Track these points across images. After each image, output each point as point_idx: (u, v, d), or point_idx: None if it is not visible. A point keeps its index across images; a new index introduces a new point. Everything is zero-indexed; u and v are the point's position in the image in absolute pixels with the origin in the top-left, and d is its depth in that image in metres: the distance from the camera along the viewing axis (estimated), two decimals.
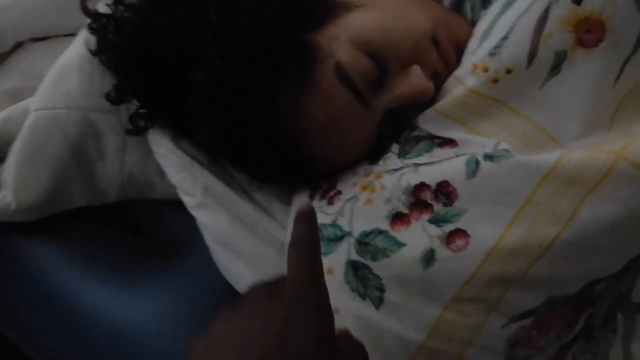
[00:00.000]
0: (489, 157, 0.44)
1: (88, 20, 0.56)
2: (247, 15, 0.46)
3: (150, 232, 0.68)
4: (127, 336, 0.61)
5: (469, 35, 0.50)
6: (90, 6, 0.57)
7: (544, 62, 0.44)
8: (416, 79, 0.49)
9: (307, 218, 0.34)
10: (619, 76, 0.43)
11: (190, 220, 0.59)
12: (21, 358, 0.65)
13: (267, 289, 0.34)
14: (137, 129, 0.57)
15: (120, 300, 0.63)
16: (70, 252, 0.66)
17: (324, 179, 0.53)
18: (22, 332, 0.66)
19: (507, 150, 0.43)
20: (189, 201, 0.58)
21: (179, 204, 0.60)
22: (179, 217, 0.63)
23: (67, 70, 0.59)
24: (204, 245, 0.59)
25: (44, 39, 0.67)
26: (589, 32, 0.43)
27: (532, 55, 0.44)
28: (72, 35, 0.63)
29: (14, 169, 0.61)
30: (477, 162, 0.44)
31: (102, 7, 0.56)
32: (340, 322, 0.47)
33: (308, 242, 0.33)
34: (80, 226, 0.67)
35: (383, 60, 0.48)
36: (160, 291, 0.63)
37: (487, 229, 0.43)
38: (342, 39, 0.48)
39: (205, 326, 0.35)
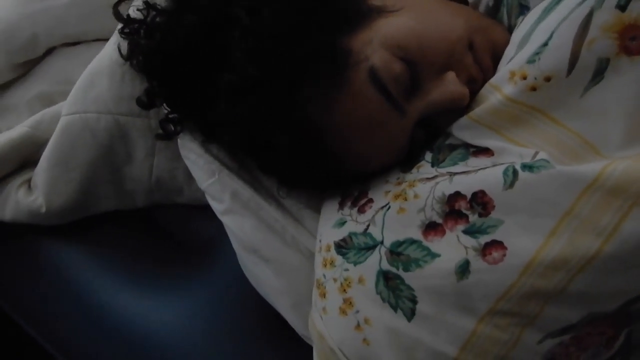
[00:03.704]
0: (527, 167, 0.42)
1: (119, 25, 0.57)
2: (277, 17, 0.46)
3: (179, 237, 0.69)
4: (152, 338, 0.61)
5: (506, 42, 0.48)
6: (122, 11, 0.57)
7: (585, 69, 0.42)
8: (451, 85, 0.47)
9: None
10: None
11: (218, 225, 0.59)
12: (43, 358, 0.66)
13: None
14: (166, 134, 0.57)
15: (147, 304, 0.64)
16: (99, 256, 0.67)
17: (354, 185, 0.52)
18: (49, 333, 0.66)
19: (546, 160, 0.42)
20: (217, 207, 0.58)
21: (207, 209, 0.60)
22: (207, 223, 0.63)
23: (98, 75, 0.60)
24: (231, 250, 0.59)
25: (75, 43, 0.67)
26: (634, 39, 0.41)
27: (573, 63, 0.42)
28: (103, 40, 0.63)
29: (45, 172, 0.62)
30: (515, 172, 0.42)
31: (134, 12, 0.57)
32: (371, 332, 0.46)
33: None
34: (109, 230, 0.68)
35: (416, 65, 0.47)
36: (186, 295, 0.64)
37: (525, 241, 0.41)
38: (376, 43, 0.47)
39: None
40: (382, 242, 0.46)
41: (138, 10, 0.56)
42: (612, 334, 0.44)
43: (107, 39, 0.62)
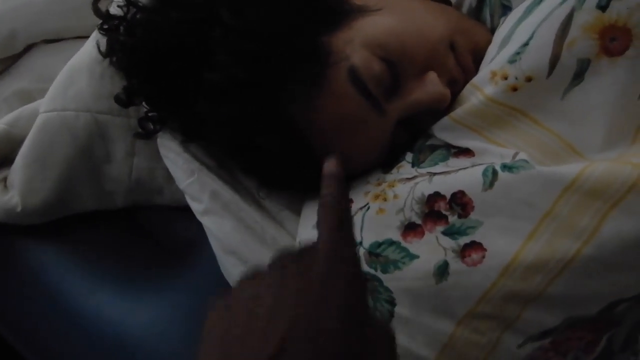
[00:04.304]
0: (507, 167, 0.42)
1: (100, 22, 0.56)
2: (260, 15, 0.45)
3: (159, 238, 0.67)
4: (127, 341, 0.60)
5: (488, 42, 0.48)
6: (102, 7, 0.56)
7: (566, 70, 0.42)
8: (432, 85, 0.47)
9: (336, 179, 0.33)
10: None
11: (199, 226, 0.58)
12: None
13: (297, 256, 0.32)
14: (146, 133, 0.57)
15: (124, 305, 0.63)
16: (75, 256, 0.66)
17: None
18: (23, 335, 0.65)
19: (526, 161, 0.42)
20: (196, 207, 0.57)
21: (187, 210, 0.59)
22: (188, 224, 0.62)
23: (78, 72, 0.59)
24: (212, 252, 0.58)
25: (56, 40, 0.66)
26: (614, 40, 0.41)
27: (553, 63, 0.42)
28: (84, 37, 0.62)
29: (21, 170, 0.60)
30: (494, 172, 0.42)
31: (114, 9, 0.56)
32: None
33: (339, 206, 0.32)
34: (86, 230, 0.67)
35: (396, 65, 0.47)
36: (164, 297, 0.63)
37: (504, 243, 0.41)
38: (357, 42, 0.46)
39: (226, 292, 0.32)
40: (361, 243, 0.46)
41: (118, 6, 0.55)
42: (591, 339, 0.43)
43: (88, 36, 0.61)
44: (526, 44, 0.43)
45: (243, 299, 0.31)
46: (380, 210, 0.46)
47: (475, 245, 0.42)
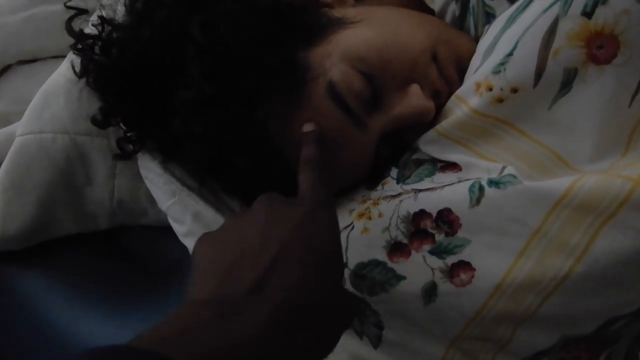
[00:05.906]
0: (494, 183, 0.40)
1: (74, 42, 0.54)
2: (232, 31, 0.44)
3: (144, 259, 0.66)
4: None
5: (472, 52, 0.47)
6: (77, 27, 0.55)
7: (552, 80, 0.40)
8: (416, 99, 0.45)
9: (314, 139, 0.39)
10: (635, 94, 0.40)
11: (185, 247, 0.56)
12: None
13: (282, 197, 0.36)
14: (125, 154, 0.55)
15: (110, 330, 0.61)
16: (58, 280, 0.64)
17: None
18: None
19: (513, 176, 0.40)
20: (178, 229, 0.55)
21: (172, 230, 0.57)
22: (173, 244, 0.60)
23: (54, 94, 0.58)
24: None
25: (33, 61, 0.65)
26: (601, 48, 0.39)
27: (539, 73, 0.41)
28: (60, 57, 0.61)
29: None
30: (481, 189, 0.40)
31: (89, 28, 0.54)
32: None
33: (318, 161, 0.37)
34: (71, 254, 0.65)
35: (377, 79, 0.45)
36: (150, 322, 0.61)
37: (494, 262, 0.39)
38: (335, 56, 0.45)
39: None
40: (346, 264, 0.44)
41: (93, 25, 0.53)
42: (588, 358, 0.41)
43: (64, 56, 0.60)
44: (510, 54, 0.41)
45: (234, 228, 0.35)
46: (365, 230, 0.44)
47: (464, 265, 0.40)
